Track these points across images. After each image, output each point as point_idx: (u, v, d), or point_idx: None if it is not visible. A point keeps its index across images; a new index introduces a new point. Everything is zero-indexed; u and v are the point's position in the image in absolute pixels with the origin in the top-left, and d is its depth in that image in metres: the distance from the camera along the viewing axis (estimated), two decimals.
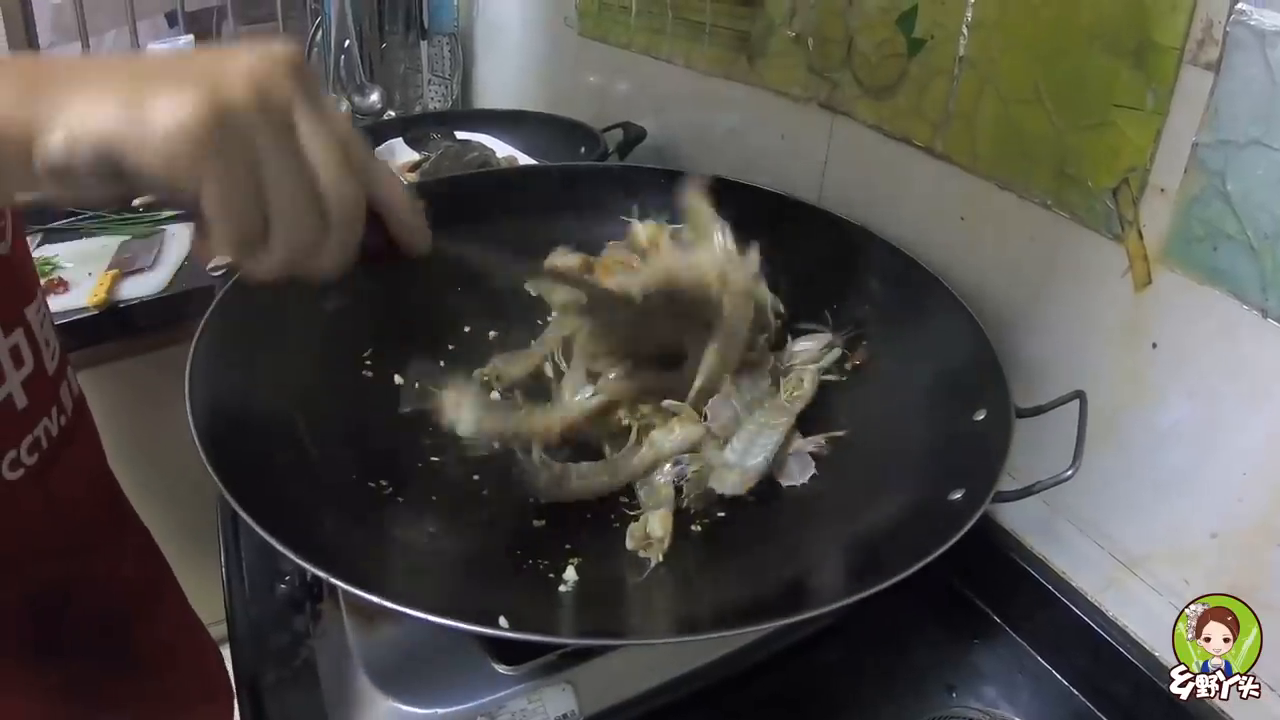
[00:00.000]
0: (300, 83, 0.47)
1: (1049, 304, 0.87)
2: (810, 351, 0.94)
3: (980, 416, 0.76)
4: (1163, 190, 0.73)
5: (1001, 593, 0.91)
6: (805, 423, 0.88)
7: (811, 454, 0.84)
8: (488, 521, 0.79)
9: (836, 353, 0.94)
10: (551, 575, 0.71)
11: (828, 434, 0.85)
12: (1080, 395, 0.75)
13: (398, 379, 0.91)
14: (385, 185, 0.53)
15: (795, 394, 0.88)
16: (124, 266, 1.61)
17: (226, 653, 0.88)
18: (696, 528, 0.78)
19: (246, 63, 0.45)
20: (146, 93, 0.43)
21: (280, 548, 0.58)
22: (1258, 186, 0.66)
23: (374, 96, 2.22)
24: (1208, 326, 0.72)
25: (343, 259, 0.51)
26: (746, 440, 0.83)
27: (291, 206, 0.47)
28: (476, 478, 0.83)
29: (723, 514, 0.79)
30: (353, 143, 0.50)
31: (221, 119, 0.43)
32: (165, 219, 2.00)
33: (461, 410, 0.78)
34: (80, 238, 1.79)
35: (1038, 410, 0.77)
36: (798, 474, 0.83)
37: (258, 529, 0.58)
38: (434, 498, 0.79)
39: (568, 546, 0.75)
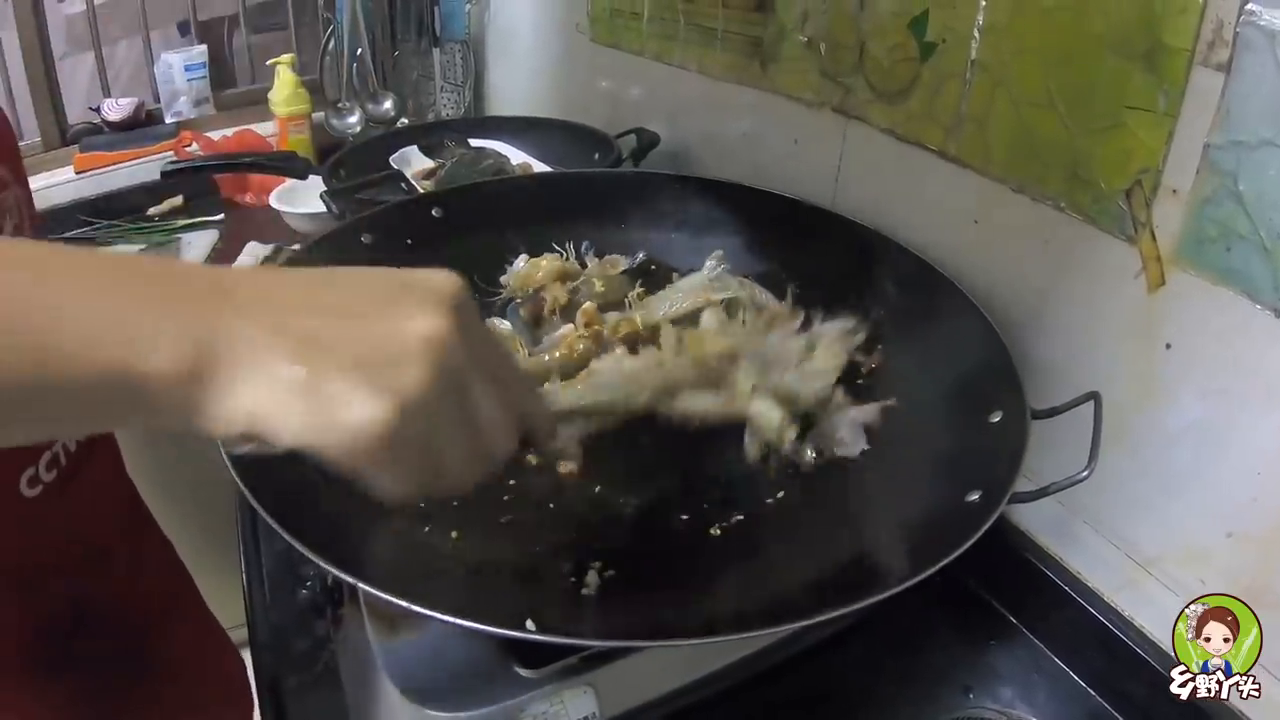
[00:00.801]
0: (468, 329, 0.48)
1: (1063, 305, 0.87)
2: (835, 330, 0.93)
3: (996, 418, 0.77)
4: (1175, 191, 0.74)
5: (1017, 594, 0.91)
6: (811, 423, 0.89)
7: (865, 426, 0.85)
8: (509, 526, 0.79)
9: (862, 335, 0.94)
10: (574, 579, 0.72)
11: (881, 403, 0.86)
12: (1095, 396, 0.75)
13: None
14: (532, 405, 0.57)
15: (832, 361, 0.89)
16: None
17: (247, 656, 0.89)
18: (715, 531, 0.78)
19: (425, 330, 0.45)
20: (328, 389, 0.43)
21: (310, 555, 0.58)
22: (1270, 187, 0.66)
23: (387, 104, 2.23)
24: (1221, 327, 0.72)
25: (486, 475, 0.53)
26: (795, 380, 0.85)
27: (459, 467, 0.49)
28: (497, 482, 0.84)
29: (741, 517, 0.80)
30: (510, 373, 0.53)
31: (405, 418, 0.44)
32: (181, 228, 2.01)
33: None
34: (96, 247, 1.79)
35: (1053, 412, 0.78)
36: (851, 443, 0.84)
37: (286, 536, 0.59)
38: (455, 503, 0.80)
39: (590, 550, 0.75)
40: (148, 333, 0.42)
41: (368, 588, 0.58)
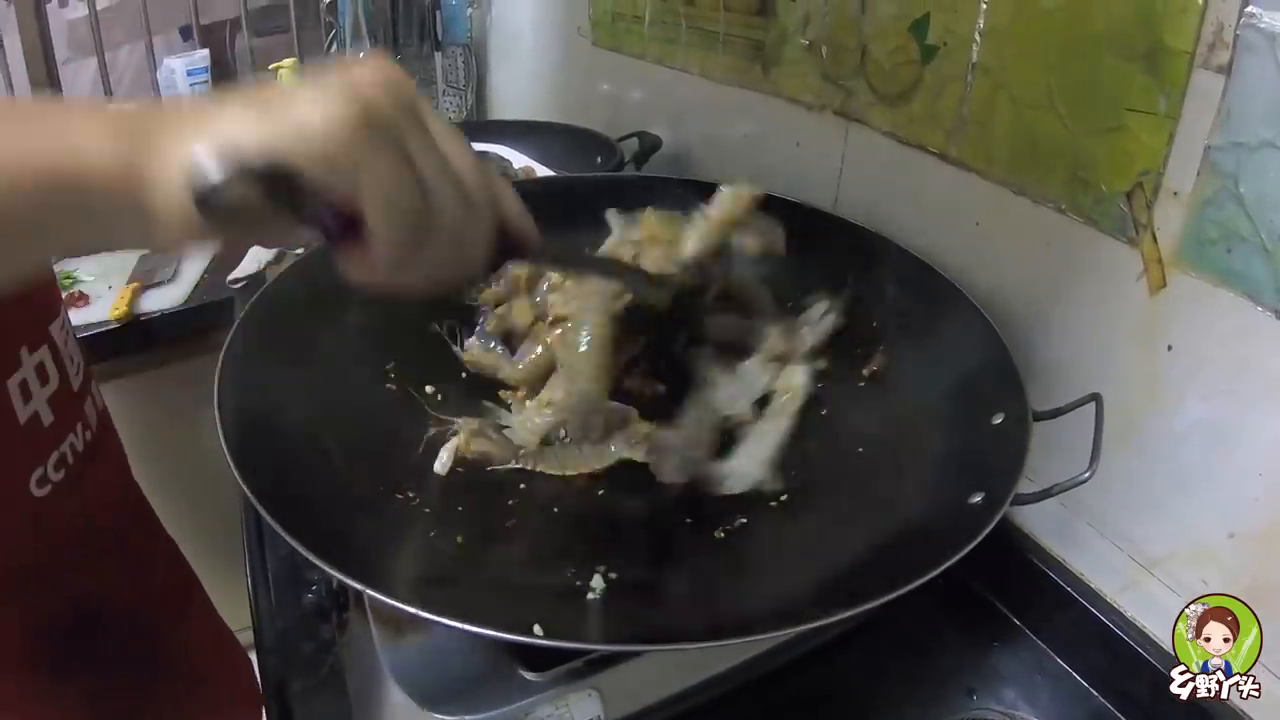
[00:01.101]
0: (413, 89, 0.49)
1: (1064, 307, 0.88)
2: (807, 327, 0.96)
3: (998, 420, 0.77)
4: (1176, 193, 0.74)
5: (1021, 595, 0.91)
6: (819, 427, 0.89)
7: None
8: (514, 530, 0.80)
9: (830, 321, 0.96)
10: (579, 583, 0.72)
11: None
12: (1096, 398, 0.75)
13: (428, 389, 0.92)
14: (497, 180, 0.55)
15: (786, 397, 0.90)
16: (144, 279, 1.62)
17: (253, 659, 0.89)
18: (719, 534, 0.79)
19: (368, 72, 0.46)
20: (287, 106, 0.44)
21: (316, 560, 0.59)
22: (1270, 188, 0.67)
23: None
24: (1223, 328, 0.73)
25: (486, 253, 0.53)
26: (749, 445, 0.85)
27: (446, 193, 0.49)
28: (501, 488, 0.84)
29: (744, 520, 0.80)
30: (465, 142, 0.52)
31: (368, 116, 0.45)
32: None
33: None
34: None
35: (1055, 413, 0.78)
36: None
37: (292, 541, 0.59)
38: (460, 508, 0.80)
39: (594, 554, 0.75)
40: (86, 137, 0.45)
41: (377, 594, 0.58)
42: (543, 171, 1.47)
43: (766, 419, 0.87)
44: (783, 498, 0.82)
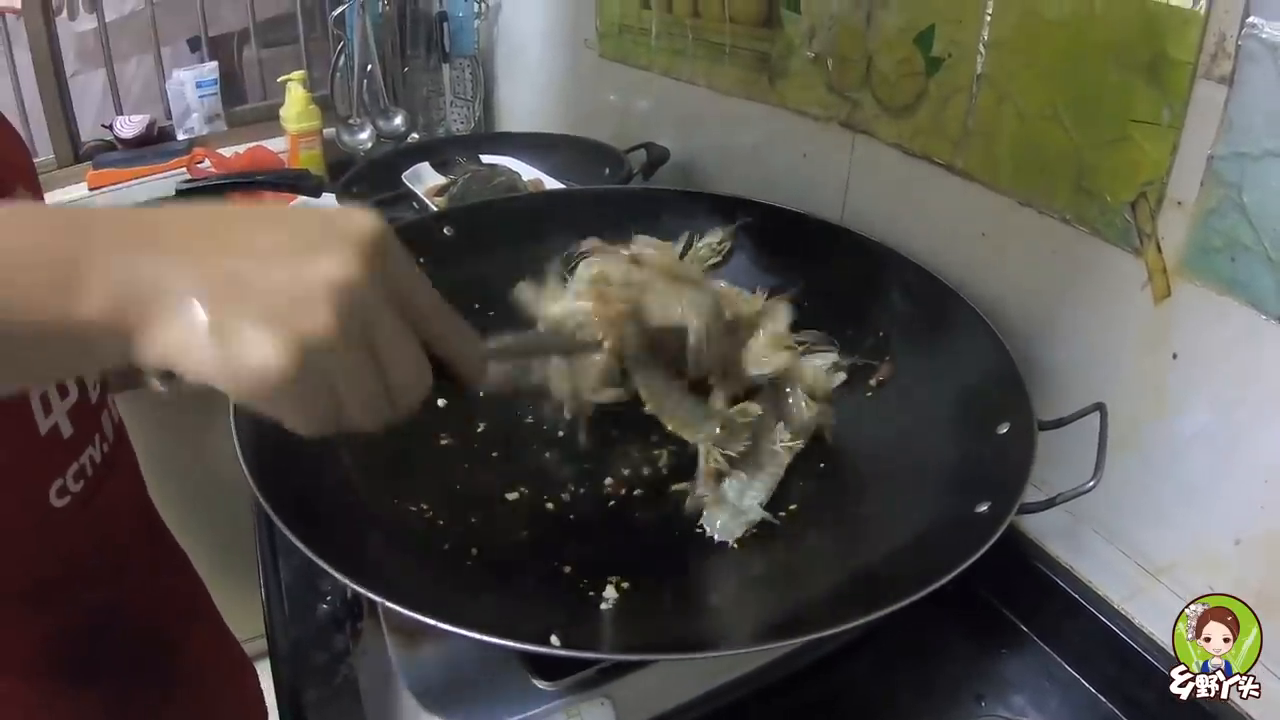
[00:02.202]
0: (387, 266, 0.49)
1: (1070, 317, 0.88)
2: (815, 373, 0.94)
3: (1004, 430, 0.77)
4: (1180, 203, 0.74)
5: (1029, 602, 0.91)
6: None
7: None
8: (527, 541, 0.80)
9: (841, 376, 0.95)
10: (592, 593, 0.73)
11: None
12: (1100, 407, 0.76)
13: (440, 402, 0.92)
14: (457, 340, 0.56)
15: (788, 442, 0.88)
16: None
17: (264, 669, 0.89)
18: (731, 544, 0.79)
19: (333, 274, 0.46)
20: (235, 333, 0.44)
21: (335, 573, 0.60)
22: (1273, 197, 0.67)
23: (398, 120, 2.25)
24: (1227, 336, 0.73)
25: (416, 404, 0.54)
26: (741, 485, 0.84)
27: (363, 407, 0.50)
28: (514, 499, 0.85)
29: (755, 531, 0.81)
30: (431, 309, 0.53)
31: (307, 363, 0.45)
32: None
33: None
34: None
35: (1059, 423, 0.78)
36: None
37: (310, 553, 0.60)
38: (473, 520, 0.81)
39: (607, 565, 0.76)
40: (78, 279, 0.44)
41: (397, 607, 0.58)
42: (551, 184, 1.47)
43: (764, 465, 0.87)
44: (792, 508, 0.83)
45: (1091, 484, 0.70)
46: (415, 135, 2.29)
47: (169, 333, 0.45)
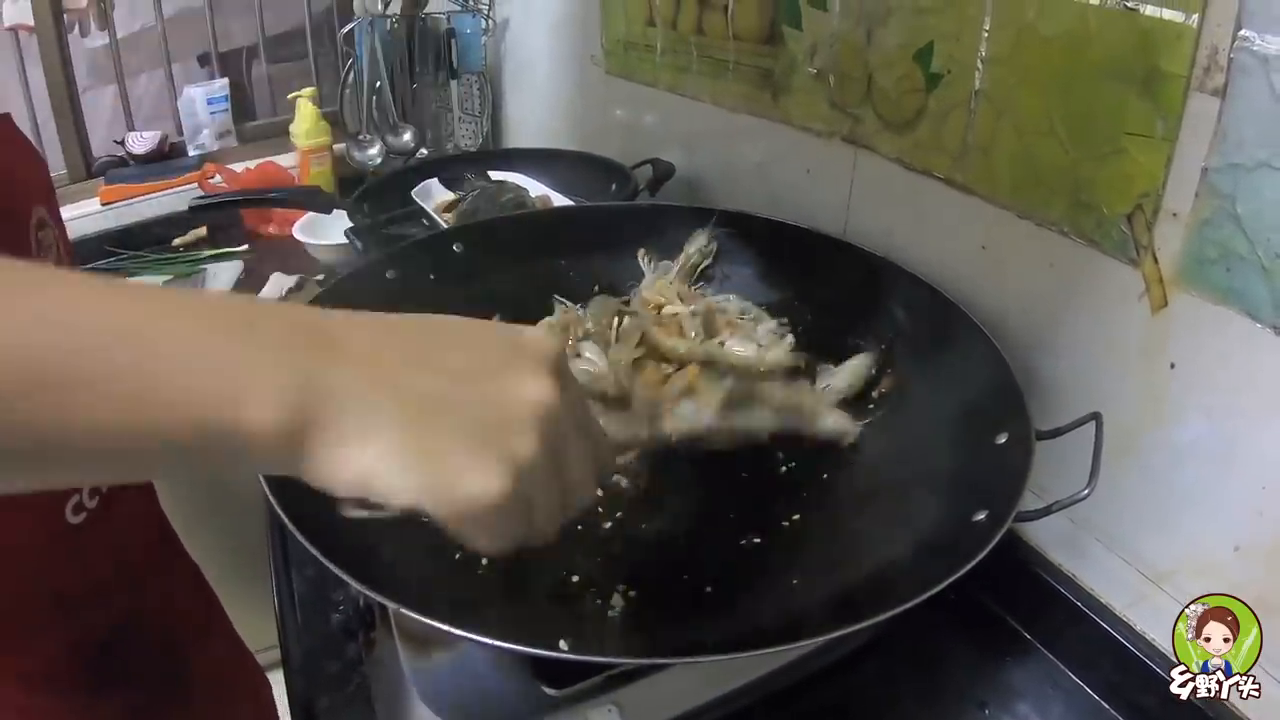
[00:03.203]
0: (567, 391, 0.50)
1: (1069, 328, 0.89)
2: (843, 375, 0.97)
3: (1002, 440, 0.78)
4: (1175, 214, 0.75)
5: (1032, 609, 0.92)
6: (830, 448, 0.92)
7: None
8: (536, 553, 0.81)
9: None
10: (600, 601, 0.74)
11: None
12: (1096, 416, 0.76)
13: None
14: (608, 453, 0.58)
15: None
16: None
17: (276, 678, 0.90)
18: (733, 553, 0.80)
19: (535, 396, 0.47)
20: (446, 456, 0.44)
21: (351, 581, 0.61)
22: (1267, 208, 0.68)
23: (407, 136, 2.27)
24: (1223, 345, 0.74)
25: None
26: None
27: (549, 520, 0.51)
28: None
29: (758, 539, 0.82)
30: (596, 428, 0.55)
31: (518, 486, 0.45)
32: (206, 258, 2.04)
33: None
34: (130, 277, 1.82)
35: (1056, 432, 0.79)
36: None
37: (327, 563, 0.61)
38: None
39: (615, 573, 0.78)
40: (251, 385, 0.41)
41: (413, 614, 0.59)
42: (559, 200, 1.48)
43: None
44: (795, 517, 0.84)
45: (1087, 492, 0.71)
46: (424, 151, 2.31)
47: (364, 453, 0.43)
